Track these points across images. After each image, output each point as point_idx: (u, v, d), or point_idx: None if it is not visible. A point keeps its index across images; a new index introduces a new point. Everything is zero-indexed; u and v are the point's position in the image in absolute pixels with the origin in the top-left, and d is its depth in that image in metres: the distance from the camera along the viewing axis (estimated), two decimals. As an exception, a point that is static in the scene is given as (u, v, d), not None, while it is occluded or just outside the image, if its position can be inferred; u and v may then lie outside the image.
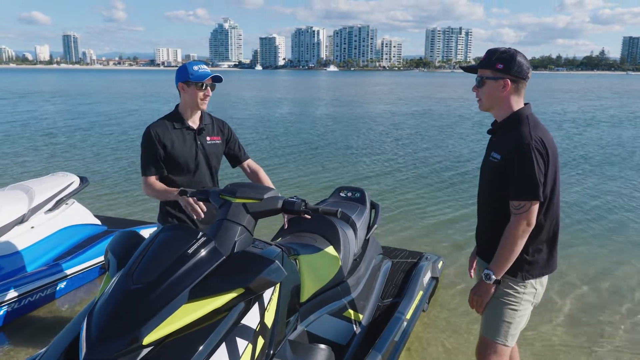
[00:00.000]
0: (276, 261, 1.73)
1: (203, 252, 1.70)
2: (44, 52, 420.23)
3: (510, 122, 2.10)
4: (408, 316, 3.01)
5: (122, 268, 1.72)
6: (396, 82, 69.22)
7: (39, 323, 3.54)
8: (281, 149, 11.69)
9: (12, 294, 3.43)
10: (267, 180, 2.97)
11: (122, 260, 1.78)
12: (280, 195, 2.16)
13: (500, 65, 2.05)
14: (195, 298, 1.60)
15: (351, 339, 2.69)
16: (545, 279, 2.20)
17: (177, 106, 2.81)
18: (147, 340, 1.49)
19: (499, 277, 2.09)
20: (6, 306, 3.42)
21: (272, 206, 2.09)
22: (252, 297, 1.72)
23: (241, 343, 1.64)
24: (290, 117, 19.25)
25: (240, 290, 1.67)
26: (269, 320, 1.80)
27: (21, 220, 3.74)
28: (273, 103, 27.29)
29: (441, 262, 4.07)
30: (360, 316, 2.86)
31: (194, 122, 2.81)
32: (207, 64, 2.96)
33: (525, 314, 2.20)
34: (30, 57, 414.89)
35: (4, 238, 3.61)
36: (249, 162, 3.06)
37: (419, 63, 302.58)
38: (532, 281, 2.14)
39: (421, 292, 3.36)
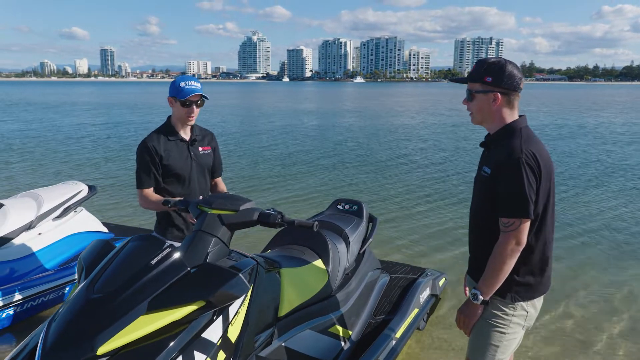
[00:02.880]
0: (239, 275, 1.71)
1: (166, 263, 1.70)
2: (82, 66, 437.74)
3: (502, 135, 2.02)
4: (398, 334, 2.92)
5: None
6: (421, 94, 68.64)
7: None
8: (284, 160, 11.74)
9: (18, 296, 3.55)
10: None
11: (91, 269, 1.79)
12: (257, 207, 2.15)
13: (489, 78, 1.96)
14: (155, 309, 1.59)
15: (337, 355, 2.63)
16: (538, 301, 2.09)
17: (169, 118, 2.85)
18: (101, 350, 1.49)
19: (487, 298, 1.99)
20: (13, 308, 3.53)
21: (247, 218, 2.08)
22: (214, 310, 1.70)
23: (199, 357, 1.62)
24: (309, 128, 19.33)
25: (201, 303, 1.66)
26: (233, 334, 1.78)
27: (29, 226, 3.86)
28: (296, 114, 27.50)
29: (443, 278, 3.94)
30: (349, 332, 2.79)
31: (185, 133, 2.85)
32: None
33: (515, 338, 2.08)
34: (70, 70, 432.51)
35: (12, 243, 3.73)
36: (219, 180, 3.12)
37: (447, 74, 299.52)
38: (523, 303, 2.03)
39: (416, 310, 3.26)
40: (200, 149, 2.90)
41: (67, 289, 3.92)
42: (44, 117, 23.76)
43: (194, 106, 2.73)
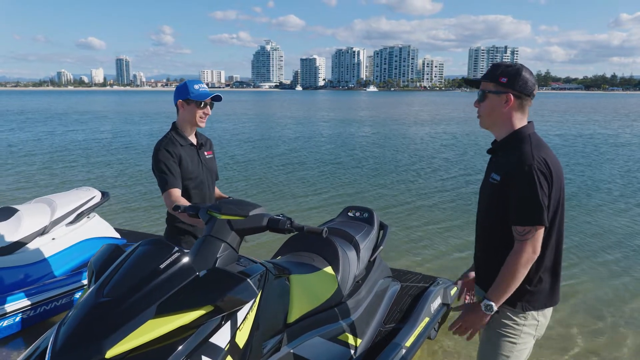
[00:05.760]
0: (248, 280, 1.71)
1: (175, 268, 1.70)
2: (98, 75, 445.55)
3: (511, 141, 1.99)
4: (408, 343, 2.87)
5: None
6: (435, 102, 68.38)
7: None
8: (290, 164, 11.75)
9: (30, 301, 3.57)
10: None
11: (101, 273, 1.80)
12: (266, 212, 2.15)
13: (504, 79, 1.96)
14: (163, 313, 1.59)
15: None
16: (548, 310, 2.05)
17: (174, 123, 2.86)
18: (110, 353, 1.49)
19: (497, 307, 1.95)
20: (25, 312, 3.56)
21: (256, 223, 2.08)
22: (222, 315, 1.70)
23: (206, 362, 1.61)
24: (322, 136, 19.37)
25: (209, 308, 1.65)
26: (241, 339, 1.76)
27: (42, 231, 3.91)
28: (310, 122, 27.59)
29: (455, 287, 3.87)
30: (358, 340, 2.75)
31: (193, 138, 2.88)
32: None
33: (526, 348, 2.04)
34: (86, 79, 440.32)
35: (26, 248, 3.78)
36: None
37: (461, 83, 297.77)
38: (534, 312, 1.99)
39: (427, 319, 3.21)
40: (206, 153, 2.94)
41: (79, 294, 3.95)
42: (99, 126, 24.15)
43: (209, 107, 2.78)
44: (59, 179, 10.15)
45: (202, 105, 2.73)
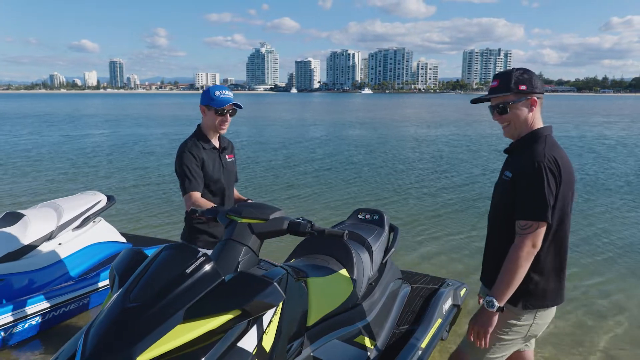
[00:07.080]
0: (274, 284, 1.70)
1: (201, 272, 1.69)
2: (92, 78, 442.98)
3: (527, 140, 2.04)
4: (423, 344, 2.88)
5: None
6: (432, 104, 68.61)
7: (64, 335, 3.62)
8: (302, 169, 11.75)
9: (39, 307, 3.54)
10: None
11: (125, 278, 1.79)
12: (286, 215, 2.14)
13: (524, 87, 2.00)
14: (191, 318, 1.58)
15: None
16: (549, 312, 2.08)
17: (199, 126, 2.90)
18: (139, 359, 1.48)
19: (502, 304, 1.96)
20: (34, 318, 3.53)
21: (277, 227, 2.08)
22: (249, 319, 1.69)
23: (235, 366, 1.60)
24: (324, 139, 19.37)
25: (237, 312, 1.64)
26: (267, 343, 1.76)
27: (49, 237, 3.88)
28: (308, 124, 27.58)
29: (464, 289, 3.90)
30: (374, 342, 2.76)
31: (215, 141, 2.91)
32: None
33: (511, 344, 2.09)
34: (79, 82, 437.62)
35: (33, 254, 3.74)
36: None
37: (455, 85, 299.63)
38: (531, 313, 2.03)
39: (440, 320, 3.22)
40: (227, 157, 2.97)
41: (88, 299, 3.93)
42: (111, 129, 23.72)
43: (228, 115, 2.80)
44: (72, 182, 10.08)
45: (221, 112, 2.77)
